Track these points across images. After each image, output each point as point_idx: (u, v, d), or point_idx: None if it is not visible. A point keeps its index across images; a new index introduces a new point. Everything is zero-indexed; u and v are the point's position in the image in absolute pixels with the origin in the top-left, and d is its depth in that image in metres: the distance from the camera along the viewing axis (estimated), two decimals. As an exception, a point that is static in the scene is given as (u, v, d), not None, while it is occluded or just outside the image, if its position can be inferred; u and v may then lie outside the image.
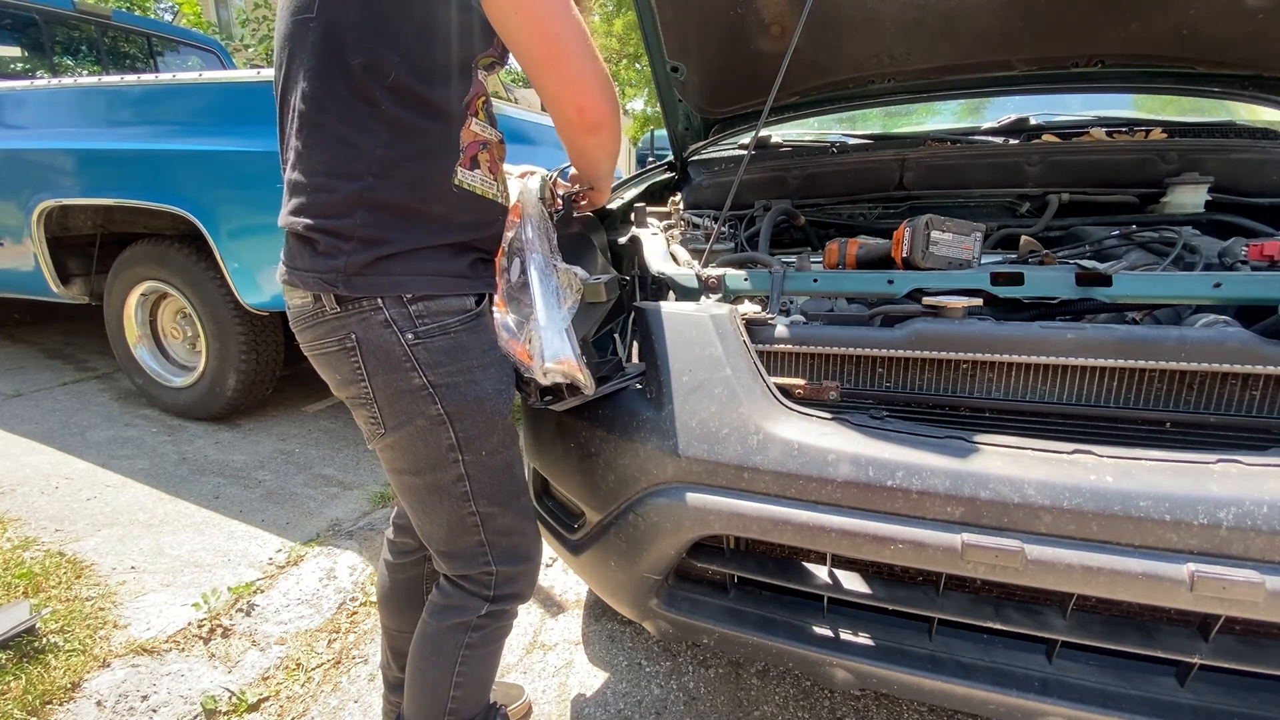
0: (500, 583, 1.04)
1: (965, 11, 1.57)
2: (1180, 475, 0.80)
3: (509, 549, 1.04)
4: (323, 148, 0.87)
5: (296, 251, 0.91)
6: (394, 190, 0.87)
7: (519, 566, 1.06)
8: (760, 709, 1.47)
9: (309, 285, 0.89)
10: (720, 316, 1.07)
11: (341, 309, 0.89)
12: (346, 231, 0.86)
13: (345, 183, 0.86)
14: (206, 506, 2.34)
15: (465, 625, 1.04)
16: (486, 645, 1.08)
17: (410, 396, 0.92)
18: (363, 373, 0.91)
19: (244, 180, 2.43)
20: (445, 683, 1.06)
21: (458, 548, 1.03)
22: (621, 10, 13.22)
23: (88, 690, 1.52)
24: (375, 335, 0.89)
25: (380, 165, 0.86)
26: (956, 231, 1.14)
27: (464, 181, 0.93)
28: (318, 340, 0.94)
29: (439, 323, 0.91)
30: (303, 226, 0.88)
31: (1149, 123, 1.86)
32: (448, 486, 0.98)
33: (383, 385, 0.92)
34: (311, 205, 0.88)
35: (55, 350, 4.13)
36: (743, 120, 2.01)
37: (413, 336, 0.89)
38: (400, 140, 0.86)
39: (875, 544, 0.88)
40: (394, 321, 0.88)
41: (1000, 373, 1.03)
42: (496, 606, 1.05)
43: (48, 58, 4.14)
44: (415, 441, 0.95)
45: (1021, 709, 0.91)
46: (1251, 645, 0.86)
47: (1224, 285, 0.99)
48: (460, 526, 1.01)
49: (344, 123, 0.85)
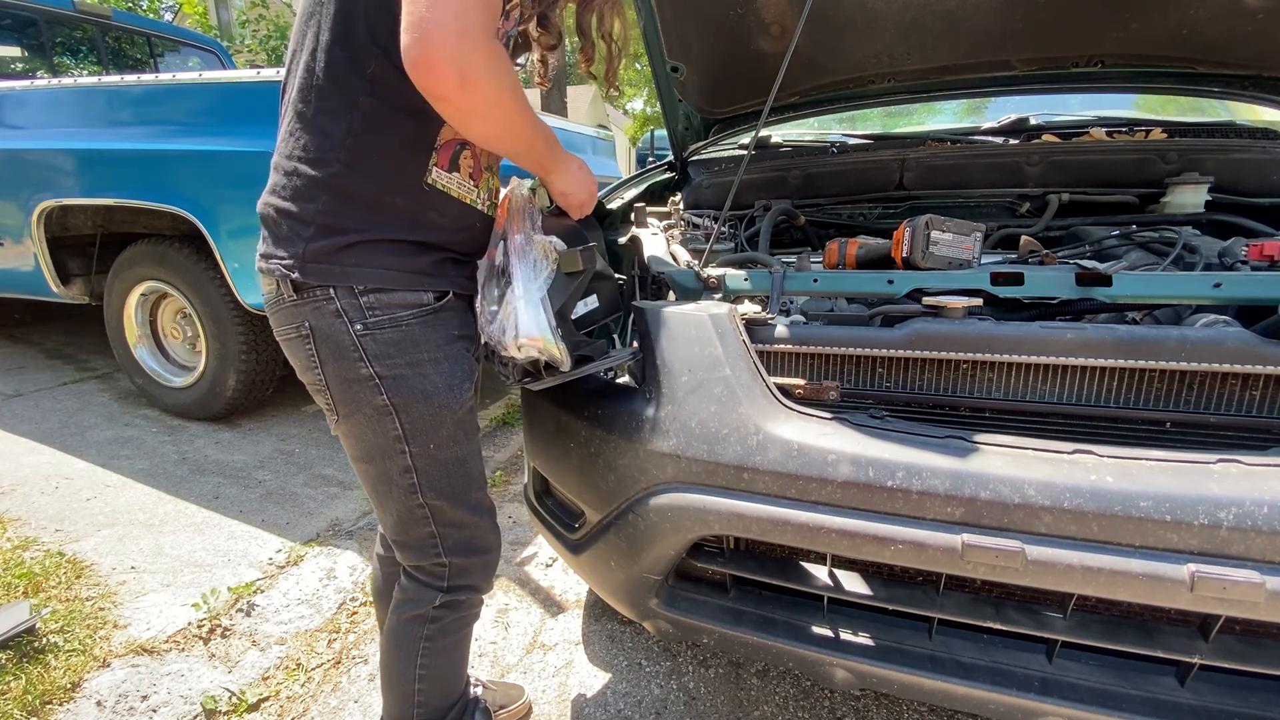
0: (453, 574, 1.06)
1: (965, 11, 1.57)
2: (1180, 475, 0.80)
3: (461, 541, 1.06)
4: (300, 134, 0.89)
5: (265, 237, 0.94)
6: (361, 180, 0.88)
7: (472, 559, 1.08)
8: (760, 709, 1.47)
9: (271, 272, 0.91)
10: (720, 316, 1.07)
11: (299, 297, 0.91)
12: (307, 216, 0.88)
13: (314, 168, 0.88)
14: (206, 506, 2.34)
15: (422, 618, 1.06)
16: (446, 637, 1.09)
17: (358, 385, 0.94)
18: (316, 360, 0.94)
19: (244, 180, 2.42)
20: (409, 676, 1.07)
21: (409, 538, 1.05)
22: (621, 10, 13.20)
23: (88, 690, 1.52)
24: (327, 324, 0.91)
25: (349, 154, 0.87)
26: (956, 231, 1.14)
27: (438, 182, 0.93)
28: (280, 327, 0.97)
29: (390, 315, 0.92)
30: (271, 209, 0.91)
31: (1149, 123, 1.86)
32: (395, 477, 0.99)
33: (333, 373, 0.94)
34: (281, 189, 0.90)
35: (55, 350, 4.13)
36: (743, 120, 2.01)
37: (361, 327, 0.91)
38: (372, 131, 0.87)
39: (875, 544, 0.88)
40: (344, 312, 0.90)
41: (1000, 373, 1.03)
42: (451, 597, 1.06)
43: (48, 58, 4.14)
44: (364, 430, 0.97)
45: (1021, 709, 0.91)
46: (1251, 645, 0.86)
47: (1224, 285, 0.99)
48: (410, 517, 1.02)
49: (321, 111, 0.87)
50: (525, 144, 0.95)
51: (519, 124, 0.90)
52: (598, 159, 4.43)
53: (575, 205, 1.11)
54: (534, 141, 0.95)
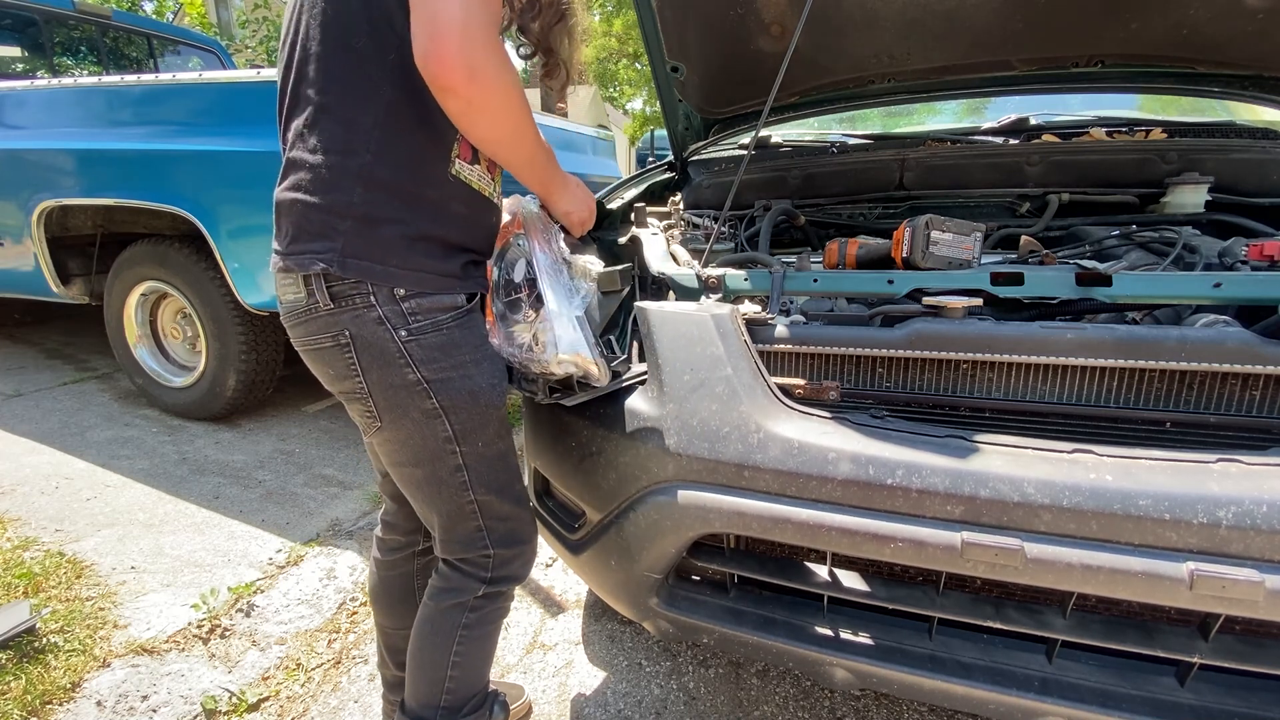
0: (497, 565, 1.08)
1: (965, 11, 1.57)
2: (1180, 474, 0.80)
3: (506, 533, 1.08)
4: (324, 126, 0.88)
5: (290, 232, 0.91)
6: (391, 169, 0.88)
7: (515, 549, 1.10)
8: (760, 709, 1.47)
9: (303, 265, 0.89)
10: (722, 316, 1.07)
11: (335, 305, 0.89)
12: (343, 208, 0.87)
13: (344, 158, 0.87)
14: (206, 506, 2.34)
15: (463, 605, 1.08)
16: (483, 626, 1.11)
17: (405, 391, 0.93)
18: (357, 368, 0.93)
19: (244, 180, 2.43)
20: (443, 662, 1.08)
21: (457, 533, 1.06)
22: (621, 10, 13.22)
23: (88, 690, 1.52)
24: (369, 332, 0.90)
25: (378, 143, 0.87)
26: (956, 231, 1.14)
27: (460, 173, 0.94)
28: (310, 336, 0.95)
29: (431, 319, 0.93)
30: (297, 203, 0.88)
31: (1149, 123, 1.86)
32: (446, 477, 1.00)
33: (377, 380, 0.93)
34: (311, 180, 0.88)
35: (55, 350, 4.13)
36: (743, 120, 2.01)
37: (406, 333, 0.91)
38: (398, 120, 0.87)
39: (875, 542, 0.88)
40: (387, 319, 0.90)
41: (1000, 373, 1.03)
42: (493, 588, 1.09)
43: (48, 58, 4.14)
44: (412, 435, 0.97)
45: (1021, 709, 0.91)
46: (1251, 645, 0.86)
47: (1224, 285, 0.99)
48: (459, 514, 1.04)
49: (345, 102, 0.86)
50: (528, 153, 0.96)
51: (524, 128, 0.90)
52: (598, 159, 4.43)
53: (578, 223, 1.13)
54: (535, 153, 0.96)
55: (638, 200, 1.77)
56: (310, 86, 0.88)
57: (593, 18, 17.45)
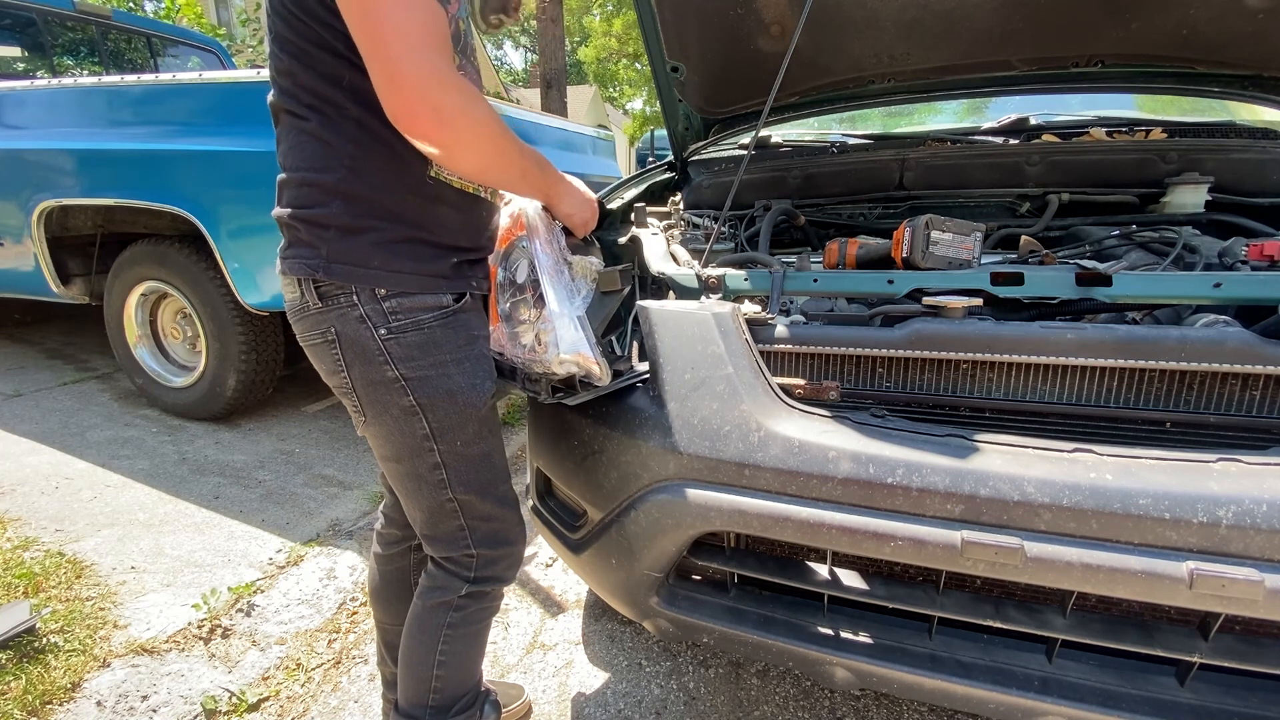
0: (481, 565, 1.09)
1: (965, 11, 1.57)
2: (1180, 474, 0.80)
3: (489, 534, 1.09)
4: (302, 146, 0.91)
5: (285, 240, 0.96)
6: (367, 182, 0.91)
7: (499, 550, 1.11)
8: (760, 709, 1.47)
9: (294, 270, 0.93)
10: (723, 314, 1.07)
11: (323, 304, 0.93)
12: (325, 220, 0.91)
13: (322, 175, 0.90)
14: (206, 506, 2.34)
15: (447, 605, 1.09)
16: (468, 625, 1.11)
17: (384, 388, 0.96)
18: (342, 364, 0.96)
19: (244, 180, 2.43)
20: (429, 660, 1.10)
21: (439, 531, 1.07)
22: (621, 10, 13.22)
23: (88, 690, 1.52)
24: (351, 330, 0.93)
25: (352, 159, 0.90)
26: (956, 231, 1.14)
27: (440, 173, 0.96)
28: (306, 333, 0.99)
29: (412, 318, 0.95)
30: (288, 217, 0.93)
31: (1149, 123, 1.86)
32: (425, 474, 1.02)
33: (359, 376, 0.96)
34: (295, 198, 0.92)
35: (55, 350, 4.13)
36: (743, 120, 2.01)
37: (385, 331, 0.94)
38: (369, 137, 0.89)
39: (875, 541, 0.88)
40: (368, 317, 0.93)
41: (1000, 373, 1.04)
42: (477, 588, 1.09)
43: (48, 58, 4.14)
44: (392, 431, 1.00)
45: (1021, 708, 0.91)
46: (1251, 644, 0.86)
47: (1224, 285, 0.99)
48: (440, 512, 1.05)
49: (317, 124, 0.89)
50: (518, 170, 0.97)
51: (506, 149, 0.92)
52: (598, 159, 4.43)
53: (580, 224, 1.14)
54: (525, 166, 0.98)
55: (638, 200, 1.77)
56: (286, 108, 0.92)
57: (593, 18, 17.45)
